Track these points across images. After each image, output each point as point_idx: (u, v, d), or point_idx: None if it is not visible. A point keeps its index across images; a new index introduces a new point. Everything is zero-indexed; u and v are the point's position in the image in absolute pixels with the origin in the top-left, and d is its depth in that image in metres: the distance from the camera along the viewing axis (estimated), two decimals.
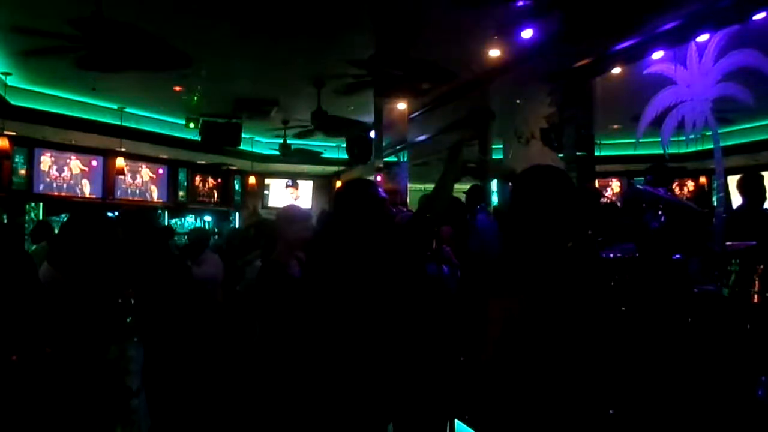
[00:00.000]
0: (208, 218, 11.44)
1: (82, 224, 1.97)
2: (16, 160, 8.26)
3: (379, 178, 8.97)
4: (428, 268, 2.97)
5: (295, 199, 12.85)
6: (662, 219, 4.73)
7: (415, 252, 2.46)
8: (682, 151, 6.52)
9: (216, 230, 10.44)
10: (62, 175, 8.99)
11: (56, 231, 6.27)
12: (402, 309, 2.25)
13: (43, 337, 1.75)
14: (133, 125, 8.91)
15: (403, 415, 2.36)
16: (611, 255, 3.93)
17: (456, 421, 3.09)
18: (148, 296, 2.66)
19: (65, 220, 2.02)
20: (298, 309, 2.32)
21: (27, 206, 8.48)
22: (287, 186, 12.84)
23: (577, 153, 5.76)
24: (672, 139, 5.05)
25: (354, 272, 2.18)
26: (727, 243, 3.59)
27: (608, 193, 10.64)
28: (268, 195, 12.78)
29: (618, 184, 10.82)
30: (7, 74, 6.90)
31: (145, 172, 10.37)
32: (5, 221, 8.12)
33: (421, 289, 2.52)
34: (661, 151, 5.19)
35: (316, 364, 2.19)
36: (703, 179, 10.03)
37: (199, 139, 8.94)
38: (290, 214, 3.25)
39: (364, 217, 2.24)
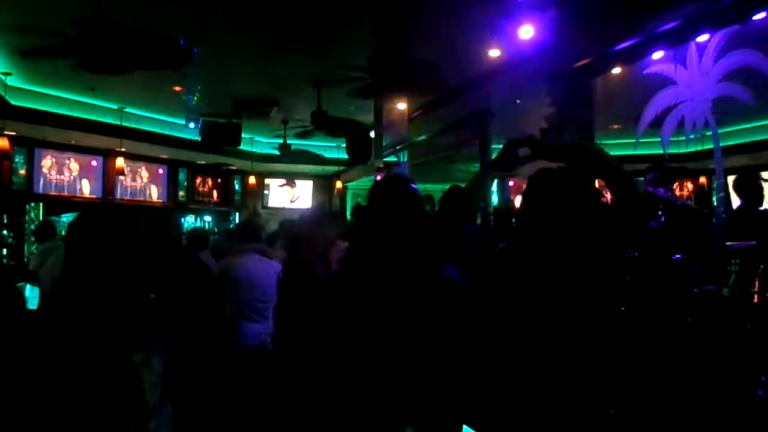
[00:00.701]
0: (208, 218, 11.45)
1: (102, 223, 1.90)
2: (16, 160, 8.26)
3: (378, 178, 8.97)
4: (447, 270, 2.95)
5: (292, 200, 12.86)
6: (662, 219, 4.73)
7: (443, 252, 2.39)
8: (682, 151, 6.52)
9: (216, 230, 10.45)
10: (62, 175, 8.99)
11: (60, 231, 6.26)
12: (433, 311, 2.22)
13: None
14: (133, 125, 8.91)
15: (425, 418, 2.34)
16: None
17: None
18: (174, 300, 2.62)
19: (76, 219, 1.93)
20: (331, 307, 2.28)
21: (27, 206, 8.48)
22: (281, 186, 12.84)
23: None
24: (672, 139, 5.05)
25: (393, 272, 2.12)
26: (727, 243, 3.59)
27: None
28: (268, 195, 12.79)
29: None
30: (7, 74, 6.89)
31: (145, 173, 10.38)
32: (5, 221, 8.13)
33: (446, 290, 2.49)
34: (661, 151, 5.20)
35: (344, 364, 2.17)
36: (703, 179, 10.02)
37: (199, 139, 8.95)
38: (316, 215, 3.26)
39: (404, 216, 2.16)
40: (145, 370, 1.83)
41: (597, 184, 2.51)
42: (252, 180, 11.60)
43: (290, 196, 12.95)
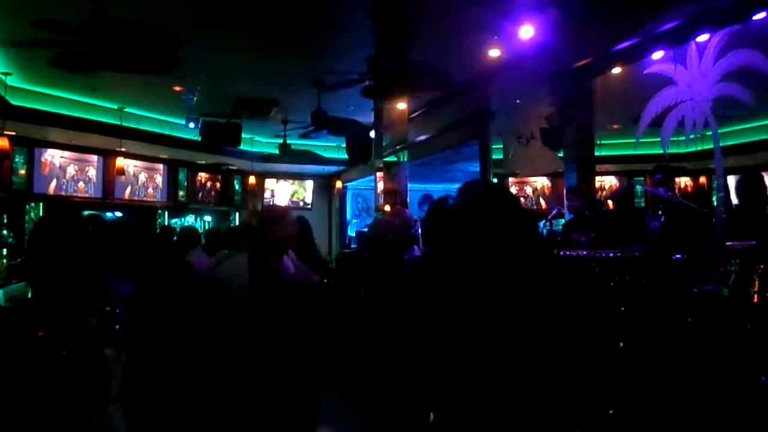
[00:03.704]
0: (208, 218, 11.44)
1: (54, 229, 1.96)
2: (16, 160, 8.25)
3: (380, 177, 8.99)
4: None
5: (301, 201, 12.88)
6: (662, 219, 4.73)
7: None
8: (682, 151, 6.52)
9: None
10: (62, 175, 8.98)
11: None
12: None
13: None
14: (133, 125, 8.91)
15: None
16: (611, 255, 3.94)
17: None
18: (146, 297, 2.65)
19: (34, 226, 2.02)
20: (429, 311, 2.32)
21: (27, 206, 8.47)
22: (291, 184, 12.87)
23: (577, 153, 5.76)
24: (672, 139, 5.05)
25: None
26: (727, 243, 3.59)
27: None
28: (270, 195, 12.78)
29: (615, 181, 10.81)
30: (7, 74, 6.89)
31: (145, 172, 10.37)
32: (5, 221, 8.12)
33: None
34: (661, 151, 5.19)
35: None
36: (703, 179, 10.02)
37: (199, 139, 8.94)
38: (274, 213, 3.26)
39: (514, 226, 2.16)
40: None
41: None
42: (252, 180, 11.59)
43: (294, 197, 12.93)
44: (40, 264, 1.89)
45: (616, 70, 5.42)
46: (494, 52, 5.76)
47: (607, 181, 10.76)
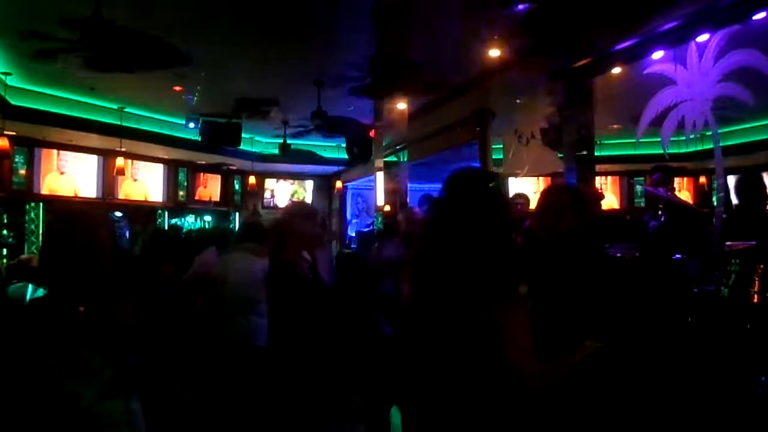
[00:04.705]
0: (208, 218, 11.44)
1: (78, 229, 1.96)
2: (16, 160, 8.25)
3: (380, 177, 8.99)
4: None
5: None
6: (662, 219, 4.74)
7: None
8: (682, 151, 6.52)
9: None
10: (62, 175, 8.98)
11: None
12: None
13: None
14: (133, 125, 8.90)
15: None
16: (611, 255, 3.94)
17: None
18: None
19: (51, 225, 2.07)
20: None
21: (27, 206, 8.48)
22: (291, 184, 12.87)
23: (577, 153, 5.75)
24: (672, 139, 5.05)
25: None
26: (727, 243, 3.59)
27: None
28: (272, 195, 12.79)
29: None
30: (7, 74, 6.89)
31: (145, 172, 10.37)
32: (5, 221, 8.13)
33: None
34: (661, 151, 5.20)
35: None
36: (703, 179, 10.02)
37: (199, 139, 8.94)
38: (299, 210, 3.25)
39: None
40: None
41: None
42: (252, 180, 11.59)
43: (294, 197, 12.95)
44: (55, 260, 1.89)
45: (616, 70, 5.41)
46: (494, 52, 5.75)
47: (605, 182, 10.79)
